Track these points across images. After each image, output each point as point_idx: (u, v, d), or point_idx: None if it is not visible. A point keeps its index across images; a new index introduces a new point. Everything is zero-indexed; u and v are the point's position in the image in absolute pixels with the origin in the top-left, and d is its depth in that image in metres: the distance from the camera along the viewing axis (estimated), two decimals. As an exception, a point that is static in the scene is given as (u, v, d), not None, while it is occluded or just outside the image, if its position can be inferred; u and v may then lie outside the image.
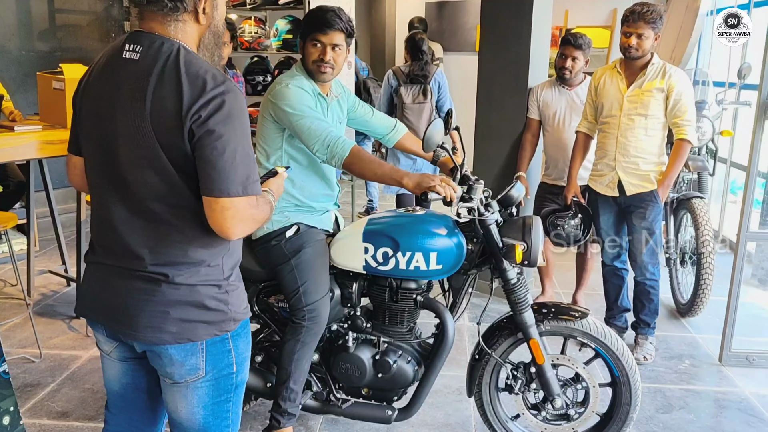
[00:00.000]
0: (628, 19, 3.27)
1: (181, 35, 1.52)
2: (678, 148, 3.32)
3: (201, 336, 1.57)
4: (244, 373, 1.71)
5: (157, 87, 1.44)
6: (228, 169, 1.44)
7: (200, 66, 1.48)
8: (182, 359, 1.57)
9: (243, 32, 5.42)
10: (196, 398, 1.62)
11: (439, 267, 2.38)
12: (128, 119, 1.46)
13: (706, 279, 3.80)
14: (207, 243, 1.55)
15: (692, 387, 3.25)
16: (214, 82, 1.45)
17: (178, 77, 1.44)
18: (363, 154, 2.29)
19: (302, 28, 2.46)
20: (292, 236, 2.44)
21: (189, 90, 1.43)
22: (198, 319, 1.56)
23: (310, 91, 2.42)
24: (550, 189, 3.95)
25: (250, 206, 1.50)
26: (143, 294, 1.54)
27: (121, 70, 1.49)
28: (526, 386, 2.53)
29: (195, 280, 1.55)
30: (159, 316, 1.53)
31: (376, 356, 2.53)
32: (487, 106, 4.27)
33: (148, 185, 1.49)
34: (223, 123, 1.43)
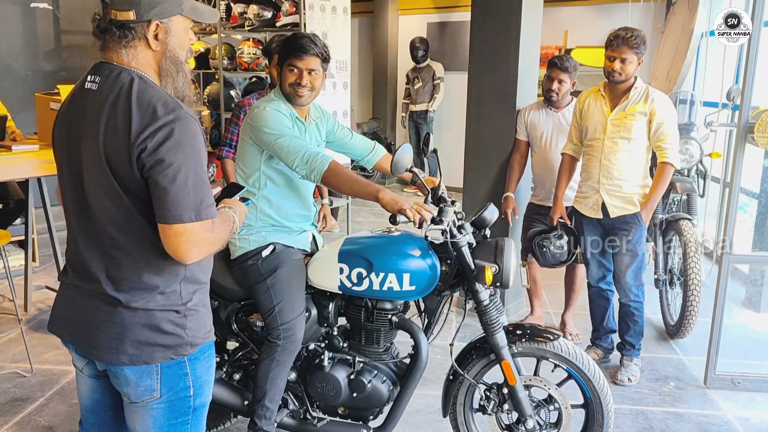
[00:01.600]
0: (612, 44, 3.32)
1: (135, 62, 1.57)
2: (661, 171, 3.35)
3: (157, 359, 1.61)
4: (203, 396, 1.75)
5: (110, 116, 1.51)
6: (180, 195, 1.49)
7: (153, 95, 1.53)
8: (137, 380, 1.62)
9: (242, 53, 5.53)
10: (151, 419, 1.67)
11: (412, 288, 2.43)
12: (89, 147, 1.53)
13: (693, 300, 3.81)
14: (159, 269, 1.60)
15: (675, 409, 3.26)
16: (165, 110, 1.50)
17: (129, 106, 1.50)
18: (340, 168, 2.33)
19: (280, 55, 2.52)
20: (269, 256, 2.49)
21: (138, 119, 1.49)
22: (154, 342, 1.60)
23: (288, 114, 2.48)
24: (538, 209, 3.99)
25: (204, 230, 1.54)
26: (102, 315, 1.60)
27: (84, 100, 1.57)
28: (499, 407, 2.56)
29: (152, 305, 1.60)
30: (116, 337, 1.59)
31: (351, 375, 2.56)
32: (476, 126, 4.33)
33: (105, 211, 1.55)
34: (173, 151, 1.48)
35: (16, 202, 4.48)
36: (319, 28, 5.11)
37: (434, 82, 8.20)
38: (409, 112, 8.36)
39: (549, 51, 7.56)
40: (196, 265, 1.66)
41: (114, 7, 1.53)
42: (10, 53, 5.91)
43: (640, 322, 3.55)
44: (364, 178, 2.41)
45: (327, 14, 5.25)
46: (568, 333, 4.07)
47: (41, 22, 6.15)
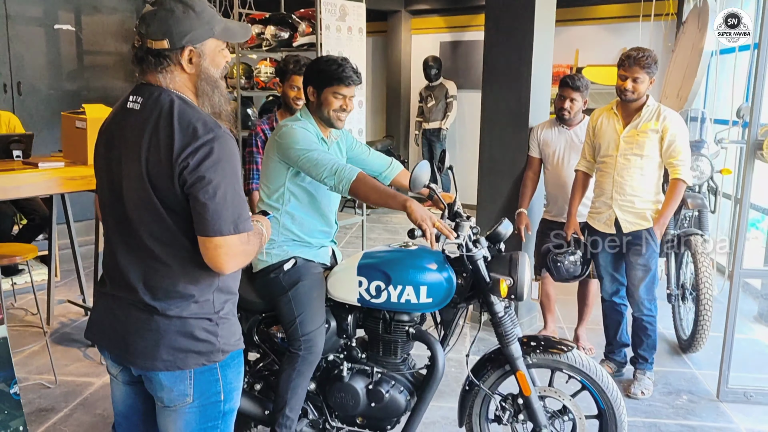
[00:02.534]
0: (624, 64, 3.40)
1: (173, 85, 1.67)
2: (673, 187, 3.41)
3: (190, 365, 1.70)
4: (233, 401, 1.83)
5: (153, 135, 1.61)
6: (220, 210, 1.59)
7: (193, 115, 1.63)
8: (171, 385, 1.71)
9: (259, 72, 5.66)
10: (183, 422, 1.75)
11: (429, 300, 2.50)
12: (130, 164, 1.63)
13: (704, 315, 3.84)
14: (195, 279, 1.69)
15: (688, 422, 3.29)
16: (204, 129, 1.60)
17: (171, 126, 1.60)
18: (369, 179, 2.41)
19: (319, 77, 2.57)
20: (290, 269, 2.57)
21: (180, 138, 1.59)
22: (188, 349, 1.69)
23: (314, 132, 2.57)
24: (551, 225, 4.05)
25: (241, 243, 1.64)
26: (139, 323, 1.69)
27: (126, 119, 1.67)
28: (514, 417, 2.61)
29: (186, 313, 1.68)
30: (152, 344, 1.68)
31: (369, 386, 2.63)
32: (489, 144, 4.41)
33: (144, 224, 1.65)
34: (213, 169, 1.58)
35: (41, 218, 4.60)
36: (335, 49, 5.23)
37: (447, 100, 8.30)
38: (423, 130, 8.45)
39: (560, 70, 7.64)
40: (229, 276, 1.74)
41: (149, 36, 1.63)
42: (35, 74, 6.08)
43: (653, 336, 3.59)
44: (391, 189, 2.49)
45: (343, 35, 5.38)
46: (582, 347, 4.11)
47: (64, 43, 6.32)
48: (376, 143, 8.46)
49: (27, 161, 4.04)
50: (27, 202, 4.52)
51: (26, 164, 3.98)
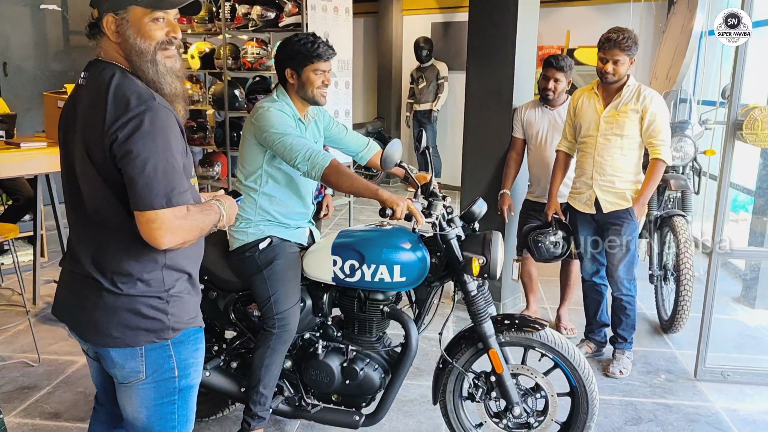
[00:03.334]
0: (604, 46, 3.39)
1: (109, 56, 1.65)
2: (653, 167, 3.42)
3: (140, 342, 1.69)
4: (189, 378, 1.82)
5: (91, 109, 1.59)
6: (150, 184, 1.55)
7: (129, 88, 1.59)
8: (122, 362, 1.71)
9: (246, 53, 5.63)
10: (138, 399, 1.75)
11: (403, 279, 2.51)
12: (76, 140, 1.62)
13: (685, 296, 3.87)
14: (139, 256, 1.67)
15: (664, 401, 3.32)
16: (137, 102, 1.56)
17: (106, 99, 1.57)
18: (341, 167, 2.41)
19: (296, 58, 2.55)
20: (266, 248, 2.59)
21: (112, 111, 1.56)
22: (137, 327, 1.68)
23: (291, 114, 2.57)
24: (534, 206, 4.06)
25: (176, 217, 1.59)
26: (90, 299, 1.69)
27: (76, 95, 1.67)
28: (487, 395, 2.64)
29: (135, 290, 1.67)
30: (102, 321, 1.68)
31: (344, 364, 2.65)
32: (474, 125, 4.41)
33: (90, 200, 1.65)
34: (141, 141, 1.54)
35: (26, 198, 4.60)
36: (321, 28, 5.21)
37: (438, 81, 8.28)
38: (414, 112, 8.44)
39: (551, 51, 7.62)
40: (179, 254, 1.73)
41: (90, 6, 1.65)
42: (21, 54, 6.05)
43: (632, 316, 3.61)
44: (363, 177, 2.50)
45: (329, 14, 5.35)
46: (563, 327, 4.14)
47: (50, 23, 6.28)
48: (366, 125, 8.46)
49: (9, 141, 4.04)
50: (11, 183, 4.52)
51: (9, 144, 3.98)
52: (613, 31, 3.38)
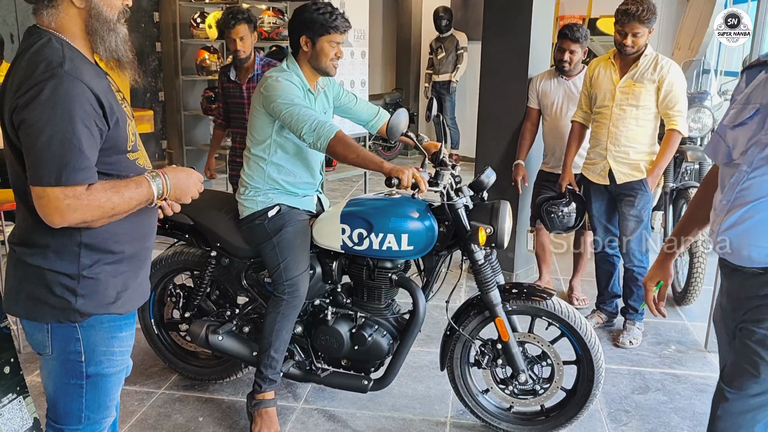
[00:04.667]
0: (622, 19, 3.33)
1: (55, 23, 1.56)
2: (668, 138, 3.39)
3: (45, 318, 1.64)
4: (101, 366, 1.72)
5: (8, 78, 1.54)
6: (42, 157, 1.46)
7: (46, 55, 1.50)
8: (32, 332, 1.69)
9: (262, 22, 5.63)
10: (46, 371, 1.72)
11: (410, 248, 2.54)
12: (3, 110, 1.57)
13: (698, 268, 3.86)
14: (52, 230, 1.55)
15: (673, 371, 3.34)
16: (45, 68, 1.47)
17: (20, 66, 1.50)
18: (347, 139, 2.42)
19: (312, 27, 2.52)
20: (274, 216, 2.63)
21: (21, 77, 1.49)
22: (44, 302, 1.62)
23: (300, 85, 2.57)
24: (548, 177, 4.05)
25: (67, 196, 1.48)
26: (9, 267, 1.68)
27: (12, 65, 1.59)
28: (493, 362, 2.68)
29: (45, 264, 1.61)
30: (15, 289, 1.66)
31: (353, 330, 2.71)
32: (489, 96, 4.39)
33: (9, 169, 1.61)
34: (38, 110, 1.45)
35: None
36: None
37: (457, 52, 8.20)
38: (432, 83, 8.38)
39: (573, 20, 7.49)
40: (102, 233, 1.63)
41: None
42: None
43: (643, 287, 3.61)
44: (381, 149, 2.51)
45: (346, -18, 5.31)
46: (575, 298, 4.16)
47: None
48: (385, 96, 8.43)
49: None
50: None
51: None
52: (631, 2, 3.31)
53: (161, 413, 2.90)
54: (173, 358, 3.15)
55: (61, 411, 1.76)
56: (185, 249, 2.96)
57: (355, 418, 2.89)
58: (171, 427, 2.80)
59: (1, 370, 2.11)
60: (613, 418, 2.92)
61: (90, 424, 1.78)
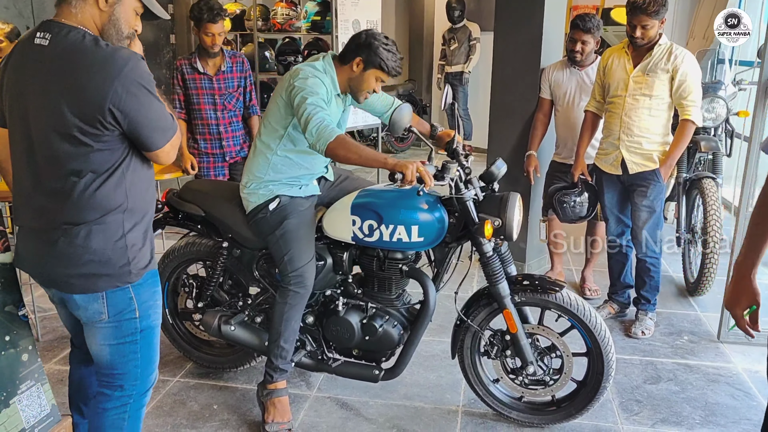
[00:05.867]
0: (630, 12, 3.32)
1: (81, 17, 1.74)
2: (682, 128, 3.38)
3: (101, 287, 1.81)
4: (150, 319, 1.94)
5: (69, 71, 1.69)
6: (156, 126, 1.79)
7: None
8: (86, 305, 1.83)
9: (275, 14, 5.65)
10: (102, 337, 1.88)
11: (421, 239, 2.56)
12: (47, 99, 1.71)
13: (711, 258, 3.84)
14: (98, 204, 1.76)
15: (686, 361, 3.34)
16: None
17: (85, 64, 1.68)
18: (348, 141, 2.38)
19: (373, 57, 2.53)
20: (275, 208, 2.62)
21: (106, 72, 1.68)
22: (99, 273, 1.79)
23: (328, 86, 2.55)
24: (560, 167, 4.05)
25: (173, 147, 1.86)
26: (52, 250, 1.79)
27: (38, 55, 1.72)
28: (502, 352, 2.69)
29: (96, 237, 1.77)
30: (65, 269, 1.79)
31: (363, 320, 2.73)
32: (501, 86, 4.38)
33: (55, 151, 1.75)
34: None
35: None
36: (351, -11, 5.19)
37: (470, 42, 8.17)
38: (445, 74, 8.36)
39: (586, 10, 7.43)
40: (138, 199, 1.85)
41: None
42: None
43: (656, 277, 3.61)
44: (370, 148, 2.50)
45: (359, -26, 5.31)
46: (588, 288, 4.16)
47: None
48: (397, 87, 8.41)
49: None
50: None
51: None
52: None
53: (176, 400, 2.95)
54: (188, 347, 3.20)
55: (119, 372, 1.93)
56: (197, 240, 3.00)
57: (367, 406, 2.92)
58: (186, 414, 2.85)
59: (20, 357, 2.16)
60: (624, 407, 2.93)
61: (144, 378, 1.98)
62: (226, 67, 3.84)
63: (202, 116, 3.86)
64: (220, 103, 3.84)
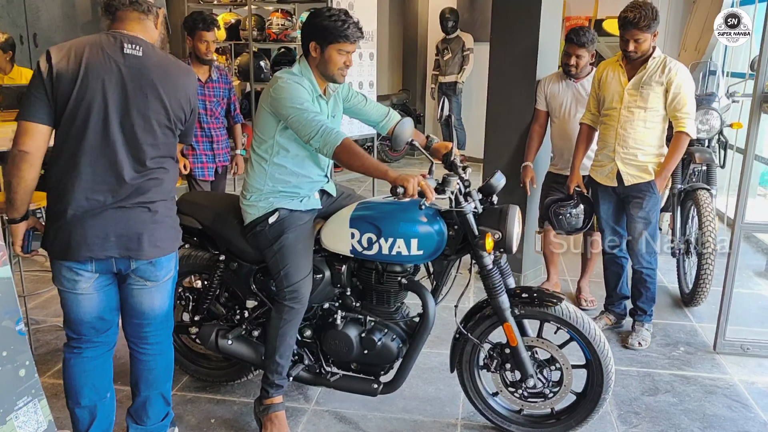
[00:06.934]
0: (622, 26, 3.35)
1: (151, 36, 2.27)
2: (676, 140, 3.40)
3: (175, 247, 2.37)
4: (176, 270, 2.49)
5: (175, 77, 2.30)
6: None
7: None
8: (167, 263, 2.33)
9: (271, 24, 5.65)
10: (167, 291, 2.38)
11: (420, 252, 2.55)
12: (152, 97, 2.21)
13: (707, 269, 3.86)
14: (171, 184, 2.31)
15: (682, 372, 3.34)
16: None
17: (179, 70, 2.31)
18: (354, 147, 2.41)
19: (322, 34, 2.52)
20: (275, 222, 2.61)
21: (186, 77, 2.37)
22: (177, 237, 2.37)
23: (310, 90, 2.57)
24: (556, 178, 4.06)
25: None
26: (149, 222, 2.23)
27: (133, 61, 2.19)
28: (502, 366, 2.68)
29: (172, 211, 2.34)
30: (158, 236, 2.26)
31: (362, 334, 2.72)
32: (497, 97, 4.40)
33: (152, 142, 2.27)
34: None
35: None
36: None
37: (464, 53, 8.21)
38: (439, 84, 8.39)
39: (579, 21, 7.50)
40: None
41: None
42: (51, 25, 6.14)
43: (652, 288, 3.62)
44: (374, 158, 2.52)
45: (354, -15, 5.33)
46: (584, 299, 4.16)
47: (79, -5, 6.36)
48: (391, 97, 8.44)
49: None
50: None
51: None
52: (629, 9, 3.32)
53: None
54: (184, 360, 3.17)
55: (170, 319, 2.46)
56: (193, 252, 2.98)
57: (366, 419, 2.90)
58: (183, 429, 2.82)
59: (17, 373, 2.13)
60: (623, 420, 2.93)
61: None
62: (215, 77, 4.06)
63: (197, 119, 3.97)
64: (210, 108, 4.04)
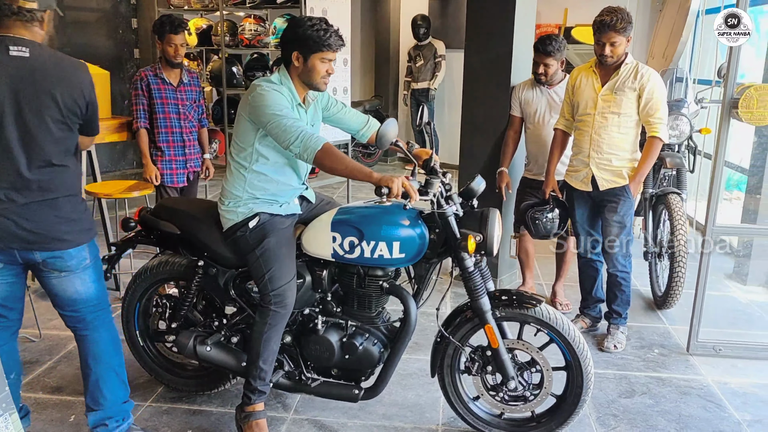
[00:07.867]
0: (598, 30, 3.40)
1: (35, 36, 2.26)
2: (649, 145, 3.45)
3: (84, 240, 2.43)
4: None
5: (67, 76, 2.30)
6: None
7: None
8: (77, 254, 2.41)
9: (243, 30, 5.61)
10: (89, 277, 2.48)
11: (402, 256, 2.54)
12: (47, 99, 2.25)
13: (679, 272, 3.92)
14: (77, 178, 2.43)
15: (657, 374, 3.39)
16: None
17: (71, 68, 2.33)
18: (334, 151, 2.41)
19: (305, 43, 2.50)
20: (255, 227, 2.59)
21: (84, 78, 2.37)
22: (86, 228, 2.45)
23: (289, 98, 2.55)
24: (531, 183, 4.09)
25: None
26: (56, 216, 2.31)
27: (20, 63, 2.19)
28: (483, 368, 2.69)
29: (81, 206, 2.43)
30: (67, 229, 2.35)
31: (343, 339, 2.70)
32: (471, 103, 4.42)
33: (55, 141, 2.33)
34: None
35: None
36: (319, 5, 5.19)
37: (436, 60, 8.25)
38: (411, 90, 8.42)
39: (548, 29, 7.59)
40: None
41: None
42: (16, 30, 6.00)
43: (626, 291, 3.67)
44: (361, 155, 2.52)
45: (327, -9, 5.32)
46: (558, 303, 4.20)
47: None
48: (364, 103, 8.43)
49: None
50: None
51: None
52: (605, 13, 3.38)
53: (148, 426, 2.85)
54: (159, 370, 3.11)
55: (104, 300, 2.58)
56: (171, 258, 2.93)
57: (345, 427, 2.87)
58: (159, 440, 2.76)
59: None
60: (601, 422, 2.95)
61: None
62: (186, 80, 4.10)
63: (167, 125, 4.08)
64: (183, 112, 4.07)
